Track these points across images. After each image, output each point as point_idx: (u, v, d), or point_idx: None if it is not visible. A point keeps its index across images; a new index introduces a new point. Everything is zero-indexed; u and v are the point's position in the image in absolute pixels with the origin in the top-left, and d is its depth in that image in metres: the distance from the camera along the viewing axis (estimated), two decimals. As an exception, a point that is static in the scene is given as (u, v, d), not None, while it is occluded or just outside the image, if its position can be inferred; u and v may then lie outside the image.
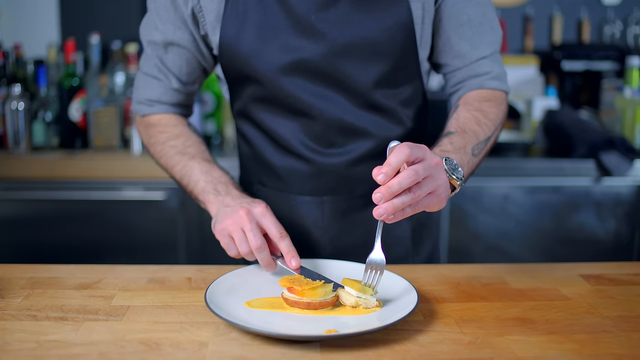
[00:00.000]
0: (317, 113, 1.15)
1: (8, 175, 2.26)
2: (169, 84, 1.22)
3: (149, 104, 1.24)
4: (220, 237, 1.06)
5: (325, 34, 1.11)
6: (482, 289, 1.04)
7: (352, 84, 1.14)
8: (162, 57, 1.21)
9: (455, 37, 1.18)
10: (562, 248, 2.39)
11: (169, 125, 1.24)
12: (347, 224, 1.22)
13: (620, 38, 3.08)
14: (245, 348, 0.81)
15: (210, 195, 1.13)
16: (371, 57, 1.13)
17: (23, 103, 2.31)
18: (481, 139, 1.12)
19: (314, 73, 1.13)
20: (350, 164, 1.18)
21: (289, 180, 1.21)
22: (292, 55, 1.12)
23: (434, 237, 1.33)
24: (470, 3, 1.17)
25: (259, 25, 1.12)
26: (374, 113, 1.17)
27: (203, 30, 1.17)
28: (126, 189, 2.27)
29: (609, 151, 2.32)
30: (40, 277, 1.07)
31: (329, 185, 1.20)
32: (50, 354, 0.79)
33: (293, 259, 1.03)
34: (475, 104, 1.17)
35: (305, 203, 1.21)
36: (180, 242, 2.30)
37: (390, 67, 1.15)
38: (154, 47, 1.21)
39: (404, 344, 0.83)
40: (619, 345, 0.83)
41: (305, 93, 1.14)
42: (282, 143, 1.19)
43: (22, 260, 1.20)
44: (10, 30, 2.84)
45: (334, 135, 1.17)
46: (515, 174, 2.35)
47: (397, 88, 1.18)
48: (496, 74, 1.20)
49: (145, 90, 1.24)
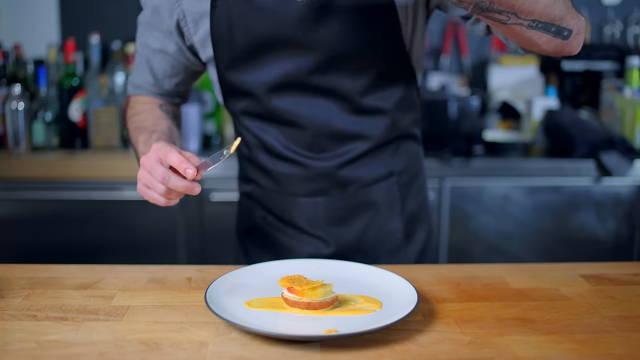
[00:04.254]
0: (306, 122, 1.17)
1: (8, 175, 2.26)
2: (150, 80, 1.27)
3: (134, 87, 1.31)
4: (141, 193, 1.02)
5: (312, 49, 1.11)
6: (482, 289, 1.04)
7: (341, 92, 1.15)
8: (149, 58, 1.26)
9: None
10: (562, 248, 2.39)
11: (139, 102, 1.29)
12: (341, 222, 1.23)
13: (620, 38, 3.07)
14: (245, 348, 0.81)
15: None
16: (359, 67, 1.14)
17: (23, 103, 2.31)
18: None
19: (302, 85, 1.14)
20: (342, 166, 1.20)
21: (282, 183, 1.23)
22: (280, 72, 1.13)
23: (426, 227, 1.34)
24: None
25: (247, 44, 1.13)
26: (364, 116, 1.18)
27: (188, 41, 1.20)
28: (126, 189, 2.27)
29: (609, 151, 2.32)
30: (40, 277, 1.07)
31: (322, 187, 1.21)
32: (50, 354, 0.79)
33: (187, 169, 0.94)
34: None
35: (300, 204, 1.22)
36: (180, 242, 2.30)
37: (379, 74, 1.16)
38: (144, 46, 1.25)
39: (404, 344, 0.83)
40: (619, 345, 0.83)
41: (294, 105, 1.16)
42: (274, 151, 1.21)
43: (22, 260, 1.20)
44: (10, 30, 2.84)
45: (324, 142, 1.19)
46: (515, 174, 2.35)
47: (386, 90, 1.19)
48: None
49: (135, 75, 1.30)
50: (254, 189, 1.29)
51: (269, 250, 1.29)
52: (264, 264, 1.07)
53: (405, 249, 1.28)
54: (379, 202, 1.23)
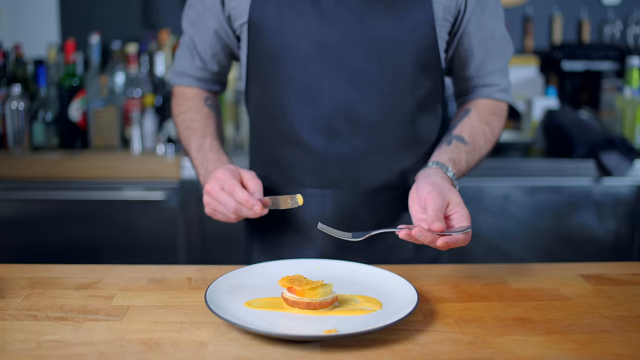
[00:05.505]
0: (326, 101, 1.17)
1: (8, 175, 2.26)
2: (193, 61, 1.30)
3: (178, 75, 1.34)
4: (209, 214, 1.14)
5: (340, 22, 1.14)
6: (482, 289, 1.04)
7: (364, 76, 1.16)
8: (192, 36, 1.29)
9: (478, 50, 1.23)
10: (562, 248, 2.39)
11: (186, 98, 1.33)
12: (348, 219, 1.22)
13: (620, 38, 3.08)
14: (245, 348, 0.81)
15: (199, 169, 1.22)
16: (387, 52, 1.15)
17: (23, 103, 2.31)
18: (483, 155, 1.24)
19: (327, 58, 1.16)
20: (354, 157, 1.19)
21: (292, 171, 1.23)
22: (311, 36, 1.16)
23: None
24: (494, 18, 1.23)
25: (284, 6, 1.16)
26: (385, 109, 1.18)
27: (227, 11, 1.23)
28: (126, 189, 2.27)
29: (609, 151, 2.32)
30: (40, 277, 1.07)
31: (331, 177, 1.21)
32: (50, 354, 0.79)
33: (255, 206, 1.07)
34: (484, 115, 1.25)
35: (307, 196, 1.22)
36: (180, 242, 2.30)
37: (409, 65, 1.17)
38: (188, 25, 1.29)
39: (404, 344, 0.83)
40: (619, 345, 0.83)
41: (319, 78, 1.17)
42: (289, 131, 1.21)
43: (22, 260, 1.20)
44: (10, 30, 2.84)
45: (339, 124, 1.18)
46: (515, 174, 2.35)
47: (413, 87, 1.19)
48: (504, 87, 1.27)
49: (178, 62, 1.34)
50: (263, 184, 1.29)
51: (271, 252, 1.28)
52: (264, 264, 1.07)
53: (414, 261, 1.28)
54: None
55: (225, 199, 1.07)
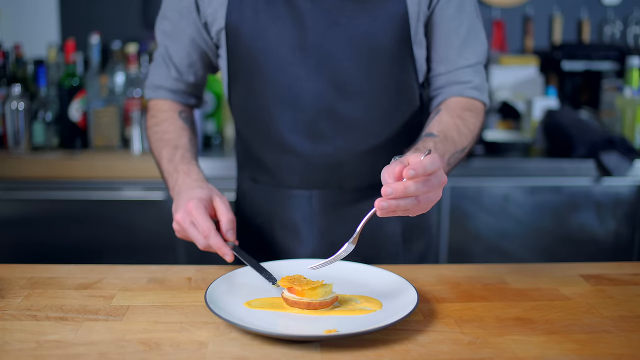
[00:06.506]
0: (308, 102, 1.17)
1: (8, 175, 2.26)
2: (169, 72, 1.28)
3: (153, 89, 1.31)
4: (176, 229, 1.10)
5: (316, 23, 1.13)
6: (482, 289, 1.04)
7: (344, 76, 1.15)
8: (167, 46, 1.26)
9: (444, 42, 1.20)
10: (562, 248, 2.39)
11: (160, 110, 1.30)
12: (336, 218, 1.23)
13: (620, 38, 3.08)
14: (245, 348, 0.81)
15: (169, 181, 1.19)
16: (363, 49, 1.15)
17: (23, 103, 2.31)
18: (458, 148, 1.14)
19: (306, 60, 1.15)
20: (339, 157, 1.19)
21: (278, 173, 1.23)
22: (289, 39, 1.15)
23: (427, 237, 1.34)
24: (462, 12, 1.19)
25: (261, 10, 1.15)
26: (366, 107, 1.18)
27: (203, 17, 1.21)
28: (126, 189, 2.27)
29: (609, 151, 2.32)
30: (40, 277, 1.07)
31: (318, 178, 1.21)
32: (50, 354, 0.79)
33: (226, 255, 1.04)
34: (457, 111, 1.19)
35: (295, 197, 1.22)
36: (180, 242, 2.30)
37: (385, 61, 1.16)
38: (163, 36, 1.27)
39: (404, 344, 0.83)
40: (619, 345, 0.83)
41: (299, 80, 1.16)
42: (273, 134, 1.21)
43: (22, 260, 1.20)
44: (10, 30, 2.84)
45: (322, 125, 1.18)
46: (515, 174, 2.35)
47: (391, 83, 1.19)
48: (477, 84, 1.22)
49: (152, 76, 1.31)
50: (249, 187, 1.30)
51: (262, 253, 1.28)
52: (264, 264, 1.07)
53: (403, 254, 1.28)
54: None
55: (197, 237, 1.05)
